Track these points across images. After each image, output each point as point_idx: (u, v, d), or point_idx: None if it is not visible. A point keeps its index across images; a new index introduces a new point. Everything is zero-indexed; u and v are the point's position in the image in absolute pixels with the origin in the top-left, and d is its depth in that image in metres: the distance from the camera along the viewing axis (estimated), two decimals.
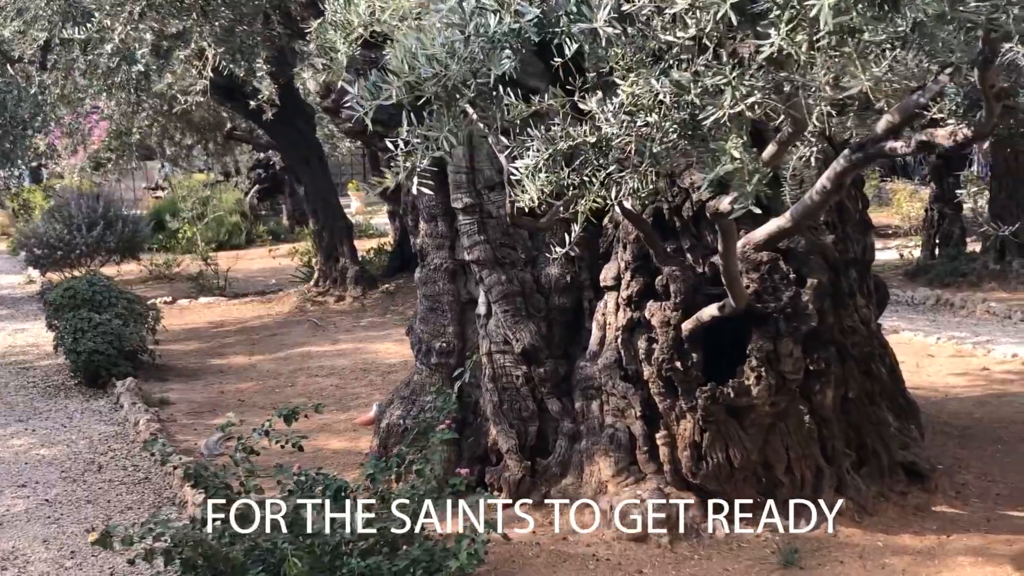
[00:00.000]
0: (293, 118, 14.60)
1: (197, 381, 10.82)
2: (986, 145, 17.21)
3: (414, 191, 3.42)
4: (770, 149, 4.56)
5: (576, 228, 4.59)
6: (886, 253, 19.96)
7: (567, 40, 3.60)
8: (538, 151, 4.00)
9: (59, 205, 17.97)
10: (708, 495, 6.13)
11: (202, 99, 8.62)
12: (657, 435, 6.14)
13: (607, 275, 6.44)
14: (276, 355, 11.93)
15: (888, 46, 3.40)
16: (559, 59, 3.77)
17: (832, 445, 6.32)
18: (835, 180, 5.49)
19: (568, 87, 3.93)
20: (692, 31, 3.15)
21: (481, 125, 3.98)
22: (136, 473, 7.71)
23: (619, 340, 6.31)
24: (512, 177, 4.13)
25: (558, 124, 3.99)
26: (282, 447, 5.98)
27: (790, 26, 2.86)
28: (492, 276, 6.67)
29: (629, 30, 3.47)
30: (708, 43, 3.21)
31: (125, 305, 10.80)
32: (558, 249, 4.58)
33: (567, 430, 6.62)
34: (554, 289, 6.73)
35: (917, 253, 18.43)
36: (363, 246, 18.67)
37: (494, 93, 3.29)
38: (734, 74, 3.11)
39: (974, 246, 17.38)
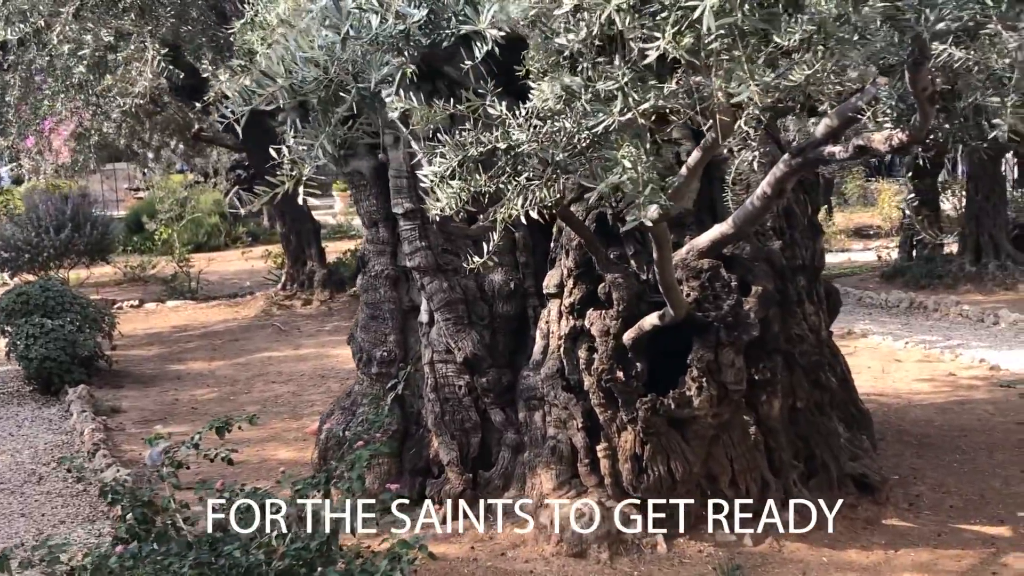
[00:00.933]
0: (261, 118, 14.37)
1: (153, 388, 10.62)
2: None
3: (299, 200, 3.24)
4: (694, 156, 4.40)
5: (495, 237, 4.44)
6: (865, 255, 19.87)
7: (477, 43, 3.45)
8: (447, 158, 3.84)
9: (29, 207, 17.75)
10: (650, 509, 5.96)
11: (141, 101, 8.42)
12: (598, 447, 5.97)
13: (550, 282, 6.27)
14: (236, 361, 11.74)
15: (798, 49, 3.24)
16: (469, 62, 3.61)
17: (779, 457, 6.16)
18: (776, 185, 5.35)
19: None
20: (583, 33, 2.98)
21: (403, 129, 3.83)
22: (76, 485, 7.51)
23: (561, 349, 6.15)
24: (422, 185, 3.99)
25: (469, 129, 3.84)
26: (211, 461, 5.79)
27: (675, 29, 2.69)
28: (434, 283, 6.50)
29: (529, 32, 3.31)
30: (604, 45, 3.05)
31: (79, 311, 10.59)
32: (476, 259, 4.43)
33: (510, 441, 6.45)
34: (498, 296, 6.56)
35: (896, 255, 18.31)
36: (342, 247, 18.51)
37: (377, 98, 3.11)
38: (626, 79, 2.93)
39: (952, 247, 17.26)
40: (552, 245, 6.46)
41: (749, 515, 5.97)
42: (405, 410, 6.76)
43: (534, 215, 3.75)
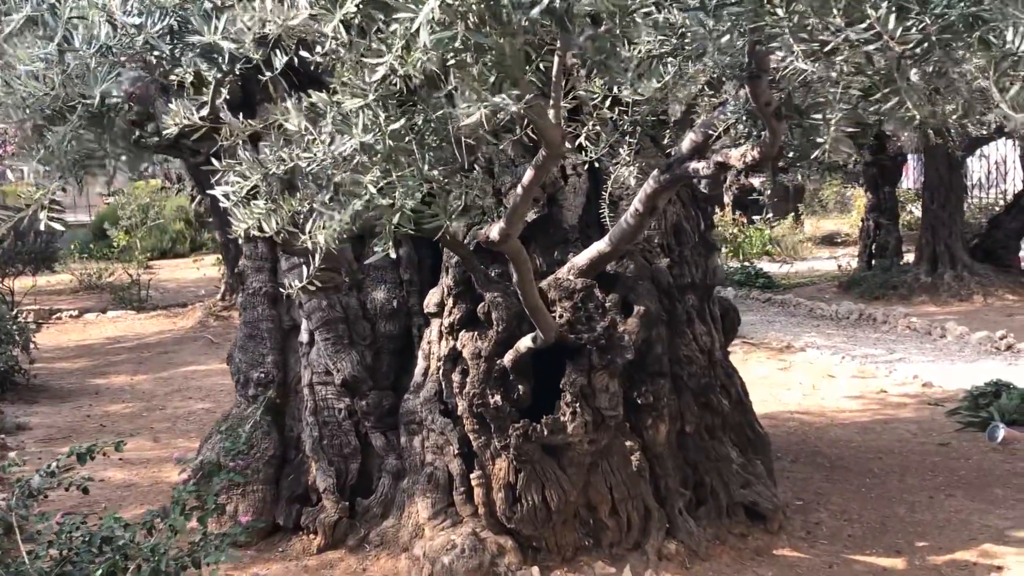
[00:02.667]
0: None
1: (67, 403, 10.33)
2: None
3: (41, 227, 2.98)
4: (528, 174, 4.13)
5: (315, 260, 4.17)
6: (830, 263, 19.66)
7: (276, 52, 3.19)
8: (245, 176, 3.58)
9: None
10: (526, 540, 5.68)
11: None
12: (472, 475, 5.70)
13: (431, 300, 6.00)
14: (160, 375, 11.45)
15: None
16: (268, 74, 3.34)
17: (665, 484, 5.90)
18: (647, 202, 5.10)
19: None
20: (326, 47, 2.72)
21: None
22: None
23: (440, 371, 5.88)
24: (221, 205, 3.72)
25: (268, 145, 3.57)
26: (66, 489, 5.50)
27: (403, 43, 2.43)
28: (312, 301, 6.23)
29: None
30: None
31: None
32: (295, 284, 4.15)
33: (391, 467, 6.18)
34: (380, 315, 6.28)
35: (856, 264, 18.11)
36: None
37: (110, 113, 2.84)
38: (372, 97, 2.67)
39: (911, 256, 17.05)
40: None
41: (631, 546, 5.71)
42: (284, 434, 6.47)
43: (321, 240, 3.46)
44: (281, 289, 6.19)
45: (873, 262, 17.32)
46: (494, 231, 4.52)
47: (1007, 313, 14.00)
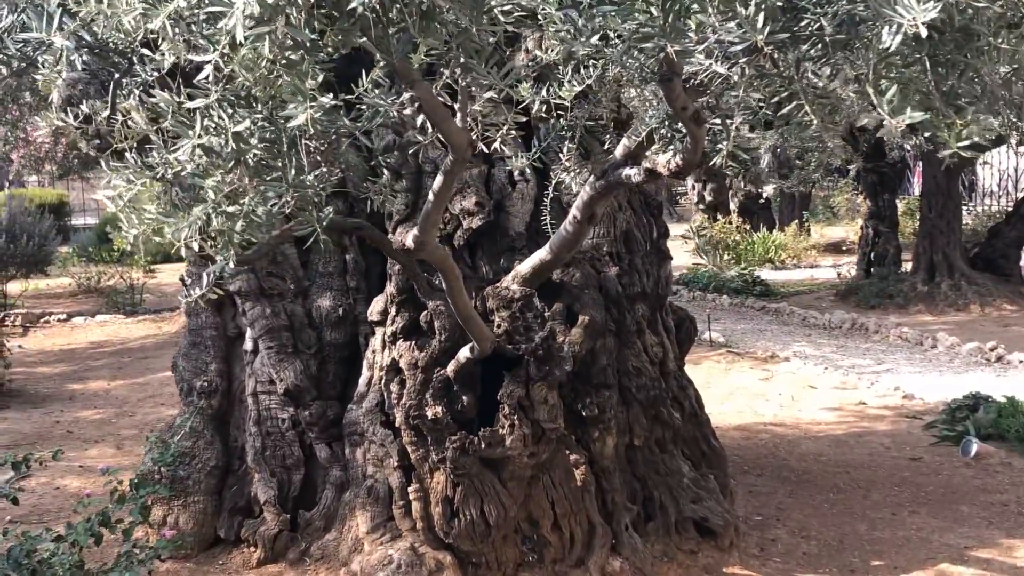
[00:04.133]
0: None
1: (38, 409, 10.22)
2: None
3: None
4: (438, 181, 3.98)
5: (213, 271, 4.03)
6: (830, 271, 19.44)
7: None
8: (130, 181, 3.44)
9: None
10: (466, 556, 5.52)
11: None
12: (410, 488, 5.55)
13: (374, 309, 5.86)
14: (136, 380, 11.34)
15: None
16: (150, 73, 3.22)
17: (612, 499, 5.73)
18: (584, 210, 4.96)
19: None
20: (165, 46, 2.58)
21: None
22: None
23: (382, 381, 5.73)
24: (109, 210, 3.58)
25: (156, 148, 3.43)
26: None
27: (227, 39, 2.28)
28: (256, 308, 6.09)
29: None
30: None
31: None
32: (194, 292, 4.00)
33: (335, 479, 6.03)
34: (326, 323, 6.14)
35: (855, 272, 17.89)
36: None
37: None
38: (213, 97, 2.53)
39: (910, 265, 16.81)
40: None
41: (574, 563, 5.55)
42: (228, 444, 6.33)
43: (195, 246, 3.31)
44: (212, 295, 6.06)
45: (872, 270, 17.10)
46: (408, 238, 4.38)
47: (1003, 324, 13.77)
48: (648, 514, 5.91)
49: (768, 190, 25.90)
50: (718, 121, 3.40)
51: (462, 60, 2.61)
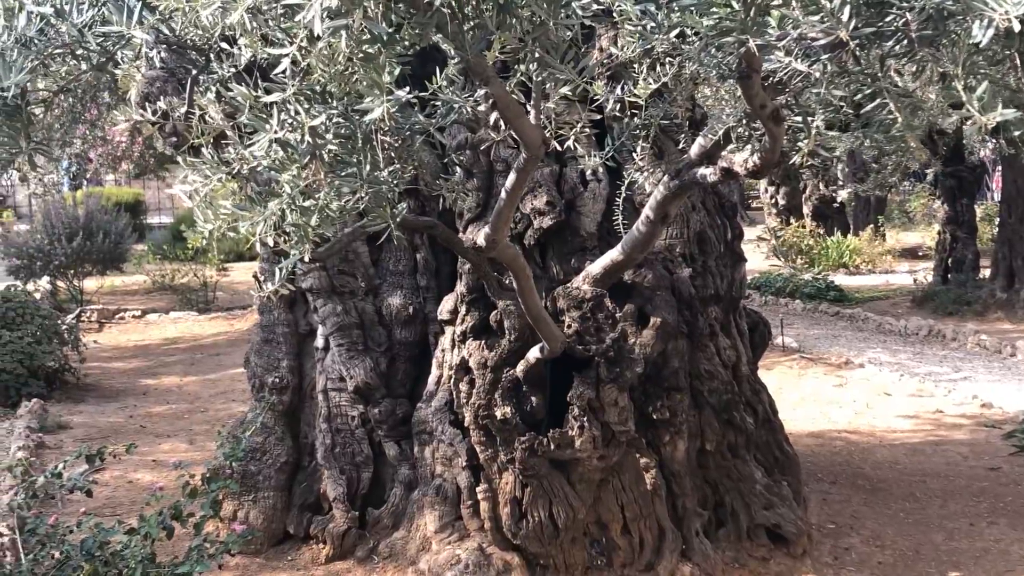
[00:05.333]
0: None
1: (113, 403, 10.38)
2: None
3: None
4: (510, 178, 3.95)
5: (286, 265, 4.04)
6: (906, 277, 19.09)
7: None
8: (206, 176, 3.45)
9: (45, 214, 17.76)
10: (534, 557, 5.49)
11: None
12: (478, 489, 5.53)
13: (444, 308, 5.85)
14: (208, 376, 11.47)
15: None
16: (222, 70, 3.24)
17: (683, 503, 5.66)
18: (658, 210, 4.91)
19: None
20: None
21: None
22: None
23: (451, 380, 5.72)
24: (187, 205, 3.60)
25: (232, 143, 3.45)
26: (70, 492, 5.46)
27: (305, 32, 2.27)
28: (327, 306, 6.11)
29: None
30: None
31: (40, 323, 10.38)
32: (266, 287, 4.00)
33: (404, 477, 6.03)
34: (396, 321, 6.15)
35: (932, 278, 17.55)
36: None
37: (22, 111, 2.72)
38: (291, 91, 2.52)
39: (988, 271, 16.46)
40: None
41: (643, 567, 5.49)
42: (299, 441, 6.36)
43: (270, 242, 3.31)
44: (284, 290, 6.09)
45: (949, 276, 16.76)
46: (480, 237, 4.35)
47: None
48: (719, 520, 5.83)
49: (843, 194, 25.57)
50: (797, 119, 3.33)
51: (538, 55, 2.57)
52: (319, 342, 6.28)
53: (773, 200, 25.35)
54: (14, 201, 35.49)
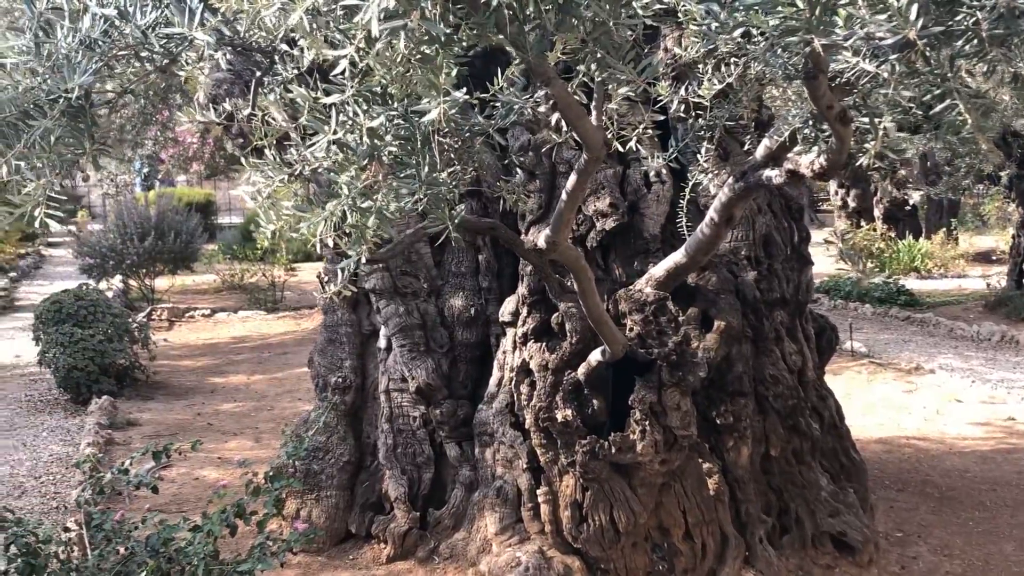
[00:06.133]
0: None
1: (181, 401, 10.51)
2: None
3: (36, 224, 2.92)
4: (571, 180, 3.92)
5: (346, 266, 4.04)
6: (979, 282, 18.72)
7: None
8: (268, 177, 3.47)
9: (118, 214, 18.07)
10: (595, 561, 5.45)
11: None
12: (539, 491, 5.51)
13: (506, 310, 5.84)
14: (275, 375, 11.57)
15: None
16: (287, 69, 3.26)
17: (746, 509, 5.59)
18: (722, 212, 4.84)
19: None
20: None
21: None
22: (51, 501, 7.38)
23: (512, 382, 5.71)
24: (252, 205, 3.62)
25: (294, 145, 3.46)
26: (136, 488, 5.52)
27: (363, 34, 2.27)
28: (390, 307, 6.13)
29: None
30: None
31: (111, 321, 10.55)
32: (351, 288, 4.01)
33: (465, 479, 6.03)
34: (458, 323, 6.15)
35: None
36: None
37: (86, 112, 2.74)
38: (350, 93, 2.52)
39: None
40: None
41: (705, 573, 5.42)
42: (361, 440, 6.38)
43: (330, 243, 3.31)
44: (346, 291, 6.11)
45: (1023, 281, 16.40)
46: (541, 239, 4.33)
47: None
48: (783, 527, 5.75)
49: (915, 196, 25.14)
50: (865, 120, 3.26)
51: (599, 56, 2.54)
52: (382, 342, 6.30)
53: (843, 202, 25.00)
54: (89, 201, 36.16)
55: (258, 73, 4.08)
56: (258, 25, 2.99)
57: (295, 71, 3.92)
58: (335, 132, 2.54)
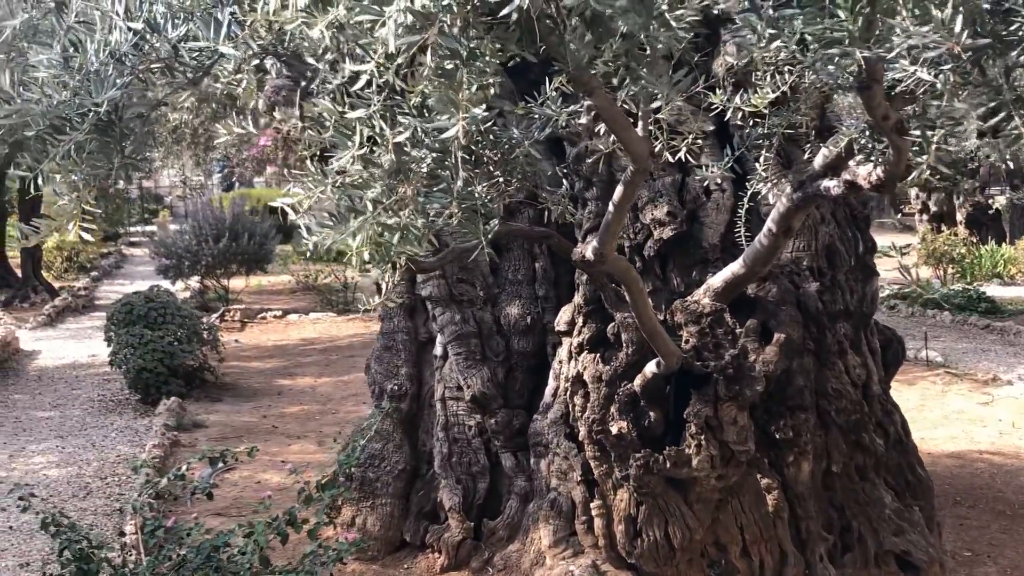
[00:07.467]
0: None
1: (248, 403, 10.60)
2: None
3: (71, 236, 2.92)
4: (618, 191, 3.84)
5: (391, 277, 4.00)
6: None
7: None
8: (309, 188, 3.44)
9: (193, 216, 18.34)
10: None
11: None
12: (592, 504, 5.43)
13: (562, 319, 5.76)
14: (341, 378, 11.62)
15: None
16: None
17: (806, 526, 5.44)
18: (780, 222, 4.73)
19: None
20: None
21: None
22: (115, 503, 7.47)
23: (567, 393, 5.63)
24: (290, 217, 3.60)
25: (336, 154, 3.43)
26: (192, 494, 5.56)
27: (383, 48, 2.22)
28: (446, 314, 6.10)
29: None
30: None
31: (181, 323, 10.67)
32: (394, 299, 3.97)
33: (520, 489, 5.97)
34: (514, 331, 6.09)
35: None
36: None
37: (119, 122, 2.74)
38: (375, 107, 2.47)
39: None
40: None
41: None
42: (417, 449, 6.36)
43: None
44: (391, 302, 6.10)
45: None
46: (588, 250, 4.25)
47: None
48: (845, 545, 5.59)
49: (1000, 200, 24.53)
50: (915, 132, 3.14)
51: (631, 69, 2.46)
52: (438, 350, 6.26)
53: (923, 206, 24.50)
54: (171, 202, 36.83)
55: (303, 83, 4.06)
56: (302, 36, 2.96)
57: (342, 81, 3.89)
58: (360, 146, 2.50)
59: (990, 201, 24.34)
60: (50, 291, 18.71)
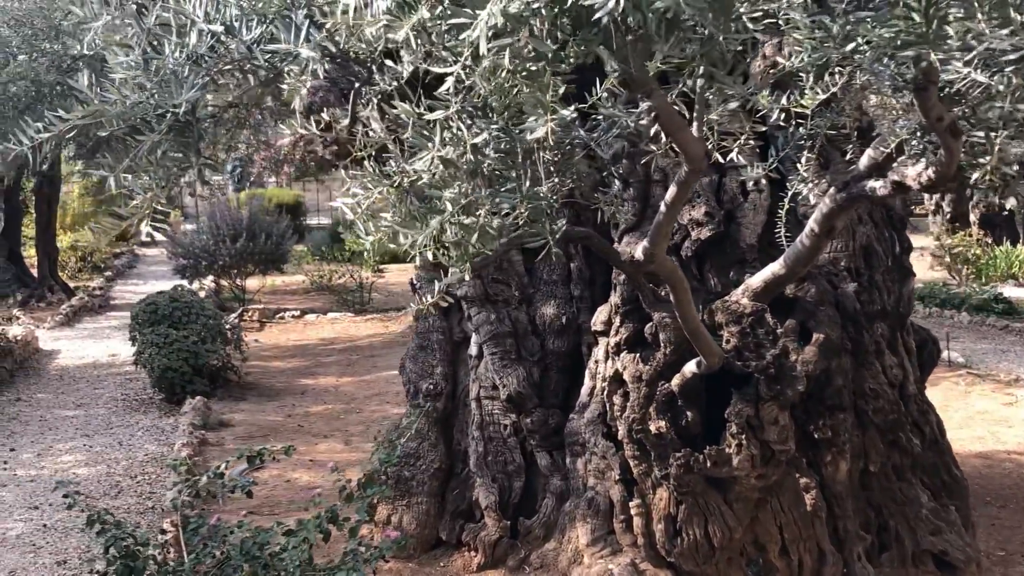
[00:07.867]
0: None
1: (273, 402, 10.64)
2: None
3: (143, 236, 2.95)
4: (671, 191, 3.86)
5: (446, 282, 4.02)
6: None
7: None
8: (366, 188, 3.47)
9: (210, 216, 18.39)
10: None
11: None
12: (631, 503, 5.45)
13: (598, 319, 5.78)
14: (363, 377, 11.66)
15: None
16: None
17: (844, 526, 5.46)
18: (823, 223, 4.74)
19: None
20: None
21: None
22: (147, 501, 7.51)
23: (605, 392, 5.65)
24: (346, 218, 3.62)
25: (394, 157, 3.46)
26: (231, 492, 5.58)
27: (470, 51, 2.25)
28: (481, 314, 6.12)
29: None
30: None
31: (205, 322, 10.71)
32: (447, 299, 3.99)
33: (555, 488, 5.99)
34: (549, 331, 6.12)
35: None
36: None
37: (193, 125, 2.77)
38: (454, 108, 2.50)
39: None
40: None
41: None
42: (452, 447, 6.38)
43: (429, 256, 3.29)
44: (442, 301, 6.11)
45: None
46: (638, 250, 4.28)
47: None
48: (882, 544, 5.61)
49: (1011, 202, 24.48)
50: (979, 134, 3.15)
51: (702, 69, 2.49)
52: (473, 350, 6.29)
53: (937, 207, 24.47)
54: (182, 202, 36.86)
55: (356, 84, 4.09)
56: (358, 36, 2.98)
57: (393, 83, 3.91)
58: (439, 149, 2.52)
59: (1003, 202, 24.28)
60: (66, 291, 18.77)
